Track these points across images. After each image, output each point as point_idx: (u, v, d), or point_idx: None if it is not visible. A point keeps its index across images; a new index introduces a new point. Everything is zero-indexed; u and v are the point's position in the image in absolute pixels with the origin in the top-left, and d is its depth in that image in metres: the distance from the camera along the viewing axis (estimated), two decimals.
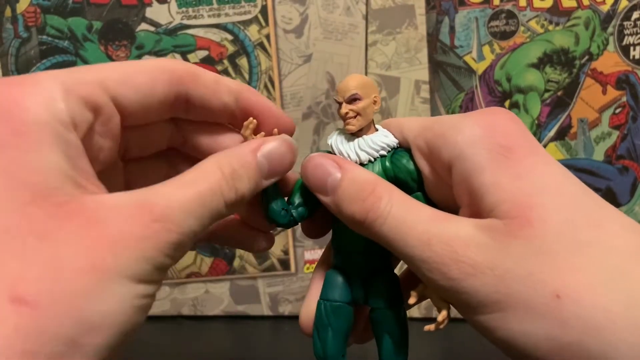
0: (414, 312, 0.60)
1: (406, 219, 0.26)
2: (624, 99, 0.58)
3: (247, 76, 0.60)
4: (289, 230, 0.62)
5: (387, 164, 0.29)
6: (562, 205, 0.24)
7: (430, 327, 0.27)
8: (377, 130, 0.29)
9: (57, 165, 0.22)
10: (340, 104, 0.29)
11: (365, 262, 0.29)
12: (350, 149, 0.29)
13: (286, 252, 0.62)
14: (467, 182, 0.25)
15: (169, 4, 0.59)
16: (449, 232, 0.25)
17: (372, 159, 0.29)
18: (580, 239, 0.23)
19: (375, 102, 0.29)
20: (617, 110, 0.59)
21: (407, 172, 0.28)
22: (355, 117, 0.28)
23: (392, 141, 0.29)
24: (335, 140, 0.29)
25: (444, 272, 0.24)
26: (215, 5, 0.59)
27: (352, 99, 0.28)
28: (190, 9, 0.59)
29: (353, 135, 0.29)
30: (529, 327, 0.23)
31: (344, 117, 0.28)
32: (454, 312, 0.26)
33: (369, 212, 0.26)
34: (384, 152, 0.29)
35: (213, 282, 0.63)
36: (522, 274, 0.23)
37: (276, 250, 0.62)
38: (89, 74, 0.25)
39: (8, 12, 0.59)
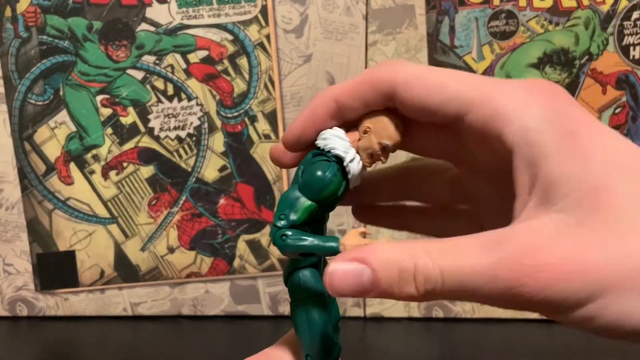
0: (414, 312, 0.60)
1: (462, 267, 0.24)
2: (624, 99, 0.58)
3: (247, 76, 0.60)
4: None
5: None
6: (633, 182, 0.24)
7: None
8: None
9: None
10: (387, 151, 0.27)
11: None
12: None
13: None
14: (532, 169, 0.25)
15: (169, 4, 0.59)
16: (512, 252, 0.24)
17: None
18: None
19: None
20: (617, 111, 0.59)
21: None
22: None
23: None
24: (356, 164, 0.28)
25: (524, 292, 0.23)
26: (215, 5, 0.59)
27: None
28: (190, 9, 0.59)
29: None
30: (627, 307, 0.23)
31: (375, 160, 0.27)
32: (454, 312, 0.26)
33: (425, 283, 0.25)
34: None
35: (213, 282, 0.63)
36: (606, 261, 0.23)
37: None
38: None
39: (8, 12, 0.59)
